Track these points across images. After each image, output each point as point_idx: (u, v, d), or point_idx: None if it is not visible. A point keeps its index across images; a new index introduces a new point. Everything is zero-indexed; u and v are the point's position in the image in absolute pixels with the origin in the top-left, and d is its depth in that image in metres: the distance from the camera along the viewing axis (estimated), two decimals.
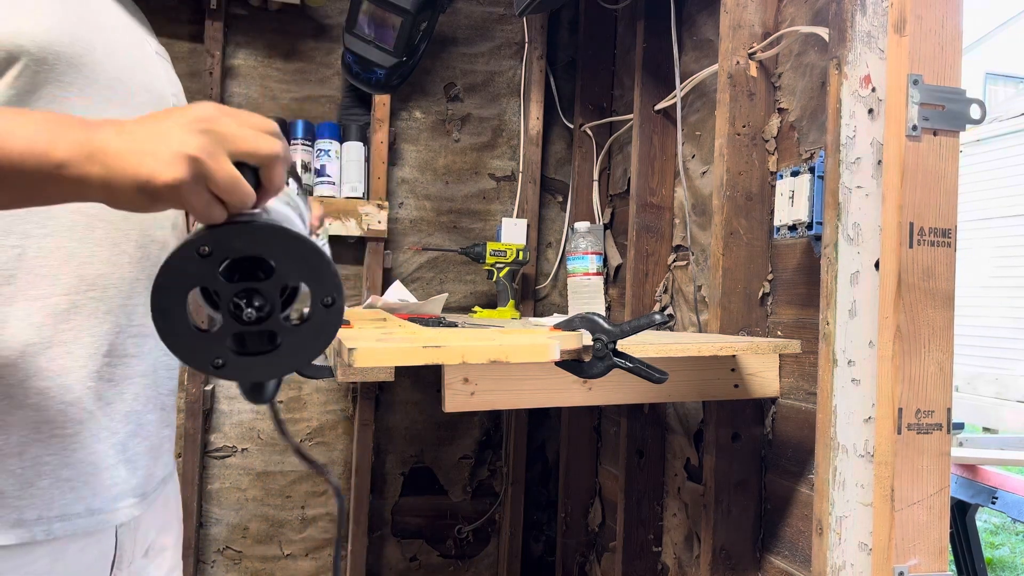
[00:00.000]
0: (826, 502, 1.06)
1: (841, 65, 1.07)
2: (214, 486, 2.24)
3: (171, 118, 0.60)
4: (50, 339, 0.78)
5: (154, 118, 0.61)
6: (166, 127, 0.59)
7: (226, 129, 0.60)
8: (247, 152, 0.61)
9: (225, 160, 0.59)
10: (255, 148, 0.61)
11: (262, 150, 0.61)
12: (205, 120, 0.60)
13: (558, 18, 2.48)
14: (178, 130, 0.59)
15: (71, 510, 0.79)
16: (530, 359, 0.97)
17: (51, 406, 0.77)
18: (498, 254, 2.20)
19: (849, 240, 1.06)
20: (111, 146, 0.59)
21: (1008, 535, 4.95)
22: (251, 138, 0.61)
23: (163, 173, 0.58)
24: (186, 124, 0.59)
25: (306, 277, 0.61)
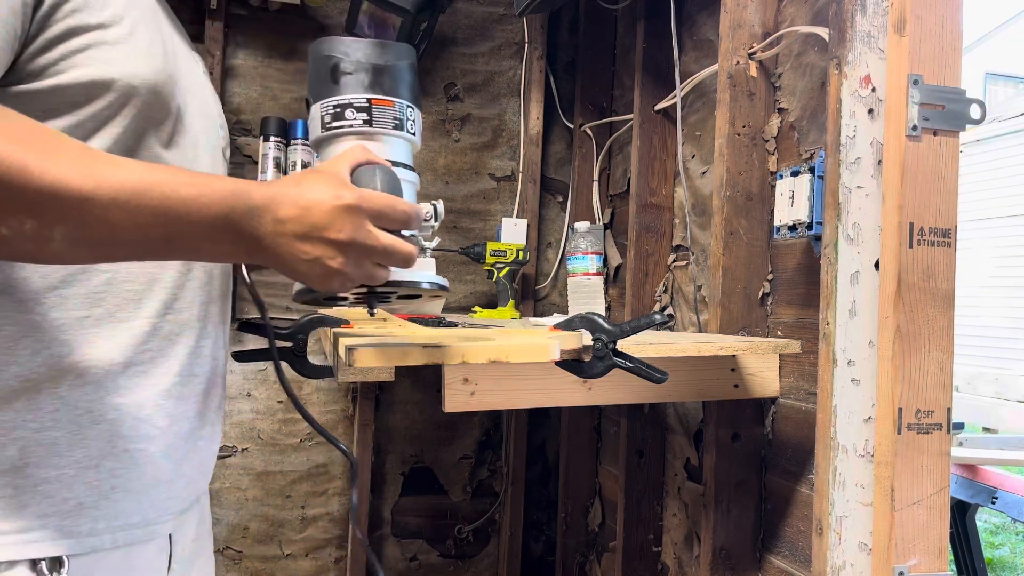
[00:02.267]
0: (826, 502, 1.06)
1: (841, 65, 1.07)
2: (214, 486, 2.24)
3: (316, 234, 0.69)
4: (131, 359, 0.82)
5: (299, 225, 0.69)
6: (312, 244, 0.69)
7: (365, 237, 0.70)
8: (392, 250, 0.72)
9: (366, 263, 0.72)
10: (395, 248, 0.72)
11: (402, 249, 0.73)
12: (341, 231, 0.69)
13: (558, 18, 2.48)
14: (320, 245, 0.69)
15: (131, 520, 0.83)
16: (530, 359, 0.97)
17: (125, 422, 0.81)
18: (498, 254, 2.20)
19: (849, 240, 1.06)
20: (268, 253, 0.69)
21: (1008, 535, 4.95)
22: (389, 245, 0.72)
23: (311, 282, 0.72)
24: (326, 239, 0.69)
25: (416, 295, 0.85)
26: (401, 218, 0.73)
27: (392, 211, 0.72)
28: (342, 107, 0.79)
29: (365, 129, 0.79)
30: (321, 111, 0.80)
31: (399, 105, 0.81)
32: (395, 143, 0.82)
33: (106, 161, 0.66)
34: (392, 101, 0.80)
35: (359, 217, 0.69)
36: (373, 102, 0.79)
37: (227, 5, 2.20)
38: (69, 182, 0.62)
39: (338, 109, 0.79)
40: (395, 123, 0.81)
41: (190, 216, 0.66)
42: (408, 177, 0.81)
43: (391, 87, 0.80)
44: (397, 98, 0.81)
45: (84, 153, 0.65)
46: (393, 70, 0.81)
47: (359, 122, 0.79)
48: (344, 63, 0.79)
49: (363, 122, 0.79)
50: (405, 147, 0.83)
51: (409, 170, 0.82)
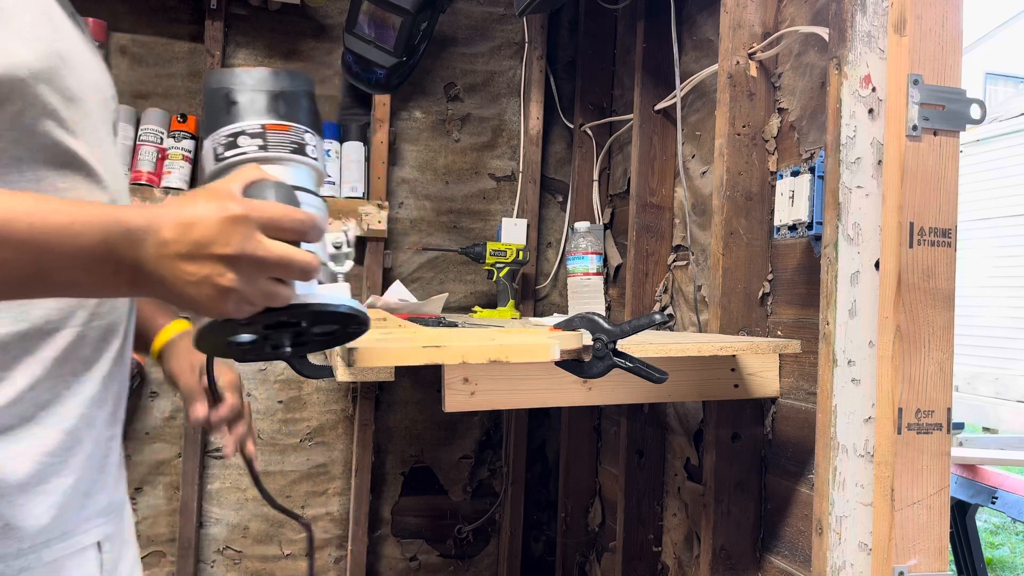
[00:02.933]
0: (826, 502, 1.06)
1: (841, 65, 1.07)
2: (214, 486, 2.24)
3: (202, 251, 0.63)
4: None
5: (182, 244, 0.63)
6: (199, 263, 0.63)
7: (254, 249, 0.63)
8: (287, 261, 0.65)
9: (261, 278, 0.65)
10: (290, 259, 0.65)
11: (298, 259, 0.65)
12: (228, 244, 0.63)
13: (558, 18, 2.48)
14: (208, 263, 0.63)
15: (53, 533, 0.79)
16: (530, 359, 0.97)
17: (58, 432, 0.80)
18: (498, 254, 2.20)
19: (849, 240, 1.06)
20: (153, 280, 0.64)
21: (1008, 535, 4.95)
22: (283, 255, 0.65)
23: (202, 309, 0.65)
24: (212, 256, 0.63)
25: (334, 323, 0.75)
26: (296, 226, 0.66)
27: (286, 218, 0.65)
28: (235, 135, 0.73)
29: (261, 155, 0.73)
30: (213, 144, 0.74)
31: (296, 130, 0.75)
32: (295, 168, 0.75)
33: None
34: (288, 125, 0.75)
35: (247, 227, 0.63)
36: (267, 127, 0.74)
37: (227, 5, 2.20)
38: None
39: (231, 138, 0.73)
40: (294, 147, 0.75)
41: (63, 247, 0.61)
42: (312, 202, 0.74)
43: (287, 112, 0.75)
44: (294, 122, 0.76)
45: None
46: (289, 96, 0.76)
47: (254, 148, 0.73)
48: (236, 92, 0.75)
49: (258, 148, 0.73)
50: (307, 173, 0.76)
51: (313, 195, 0.76)
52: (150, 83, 2.19)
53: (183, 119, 2.14)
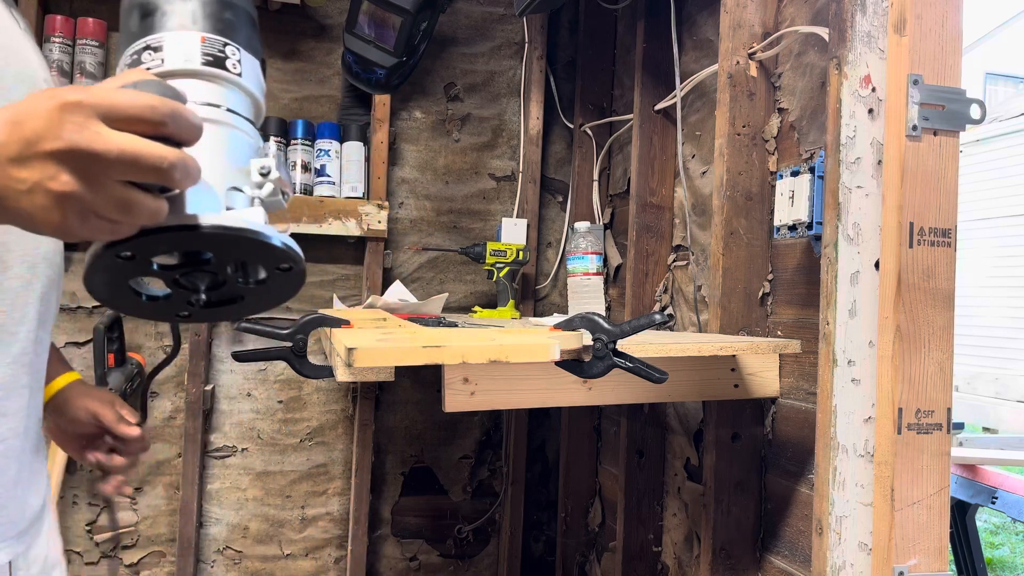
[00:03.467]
0: (826, 502, 1.06)
1: (841, 65, 1.07)
2: (214, 486, 2.24)
3: (31, 150, 0.50)
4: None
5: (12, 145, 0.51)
6: (28, 166, 0.50)
7: (90, 140, 0.50)
8: (132, 156, 0.50)
9: (107, 181, 0.51)
10: (136, 152, 0.50)
11: (148, 152, 0.50)
12: (58, 137, 0.50)
13: (558, 18, 2.48)
14: (37, 165, 0.50)
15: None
16: (530, 359, 0.97)
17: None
18: (498, 254, 2.20)
19: (849, 240, 1.06)
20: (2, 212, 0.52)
21: (1008, 535, 4.95)
22: (127, 147, 0.50)
23: (43, 227, 0.52)
24: (41, 153, 0.50)
25: (246, 257, 0.60)
26: (146, 113, 0.50)
27: (132, 104, 0.50)
28: (138, 52, 0.61)
29: (162, 68, 0.61)
30: (120, 68, 0.63)
31: (212, 41, 0.62)
32: (212, 86, 0.62)
33: None
34: (202, 36, 0.62)
35: (81, 115, 0.49)
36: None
37: None
38: None
39: (135, 55, 0.61)
40: (207, 60, 0.62)
41: None
42: (230, 120, 0.62)
43: (205, 24, 0.63)
44: (208, 33, 0.63)
45: None
46: (209, 4, 0.64)
47: (157, 63, 0.61)
48: (149, 4, 0.63)
49: (161, 62, 0.61)
50: (234, 93, 0.63)
51: (232, 114, 0.62)
52: None
53: None
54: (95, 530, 2.17)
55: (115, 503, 1.14)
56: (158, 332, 2.20)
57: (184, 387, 2.18)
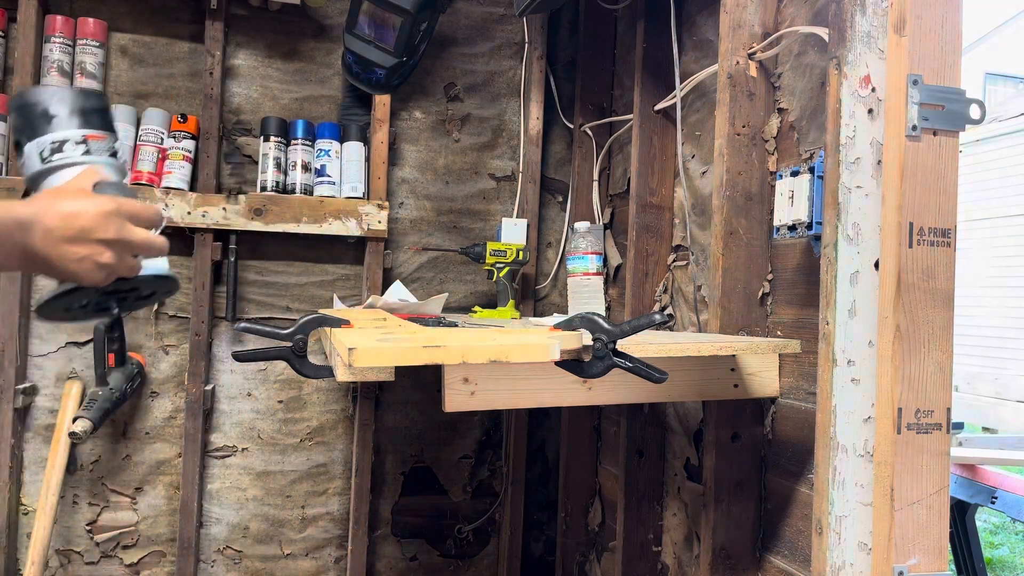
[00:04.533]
0: (826, 502, 1.06)
1: (841, 65, 1.07)
2: (214, 486, 2.24)
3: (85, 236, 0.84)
4: None
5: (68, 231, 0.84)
6: (81, 244, 0.84)
7: (128, 235, 0.87)
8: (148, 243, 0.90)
9: (128, 255, 0.88)
10: (150, 242, 0.90)
11: (155, 242, 0.91)
12: (107, 231, 0.85)
13: (558, 18, 2.48)
14: (88, 245, 0.84)
15: None
16: (530, 359, 0.97)
17: None
18: (498, 254, 2.20)
19: (849, 240, 1.07)
20: (39, 259, 0.84)
21: (1008, 535, 4.95)
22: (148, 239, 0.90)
23: (82, 280, 0.87)
24: (94, 239, 0.85)
25: (156, 287, 1.01)
26: (153, 218, 0.90)
27: (144, 212, 0.89)
28: (61, 143, 0.91)
29: (86, 159, 0.92)
30: (38, 148, 0.91)
31: (109, 138, 0.95)
32: (111, 167, 0.94)
33: None
34: (103, 135, 0.94)
35: (120, 219, 0.85)
36: (88, 137, 0.93)
37: (227, 5, 2.20)
38: None
39: (56, 143, 0.91)
40: (110, 151, 0.95)
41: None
42: (127, 194, 0.94)
43: (100, 124, 0.95)
44: (108, 131, 0.95)
45: None
46: (98, 111, 0.95)
47: (79, 153, 0.92)
48: (53, 106, 0.92)
49: (83, 152, 0.92)
50: (119, 170, 0.96)
51: (128, 188, 0.96)
52: (150, 83, 2.19)
53: (183, 119, 2.14)
54: (95, 530, 2.17)
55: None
56: (158, 332, 2.20)
57: (184, 387, 2.18)
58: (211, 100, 2.17)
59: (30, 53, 2.03)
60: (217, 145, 2.18)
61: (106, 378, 2.01)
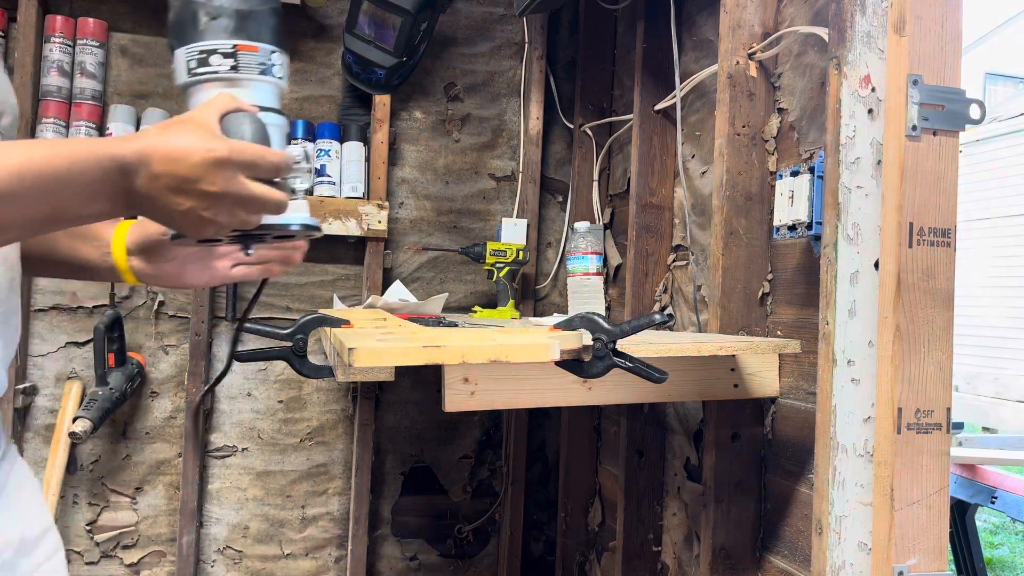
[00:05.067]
0: (826, 502, 1.06)
1: (841, 65, 1.07)
2: (214, 486, 2.24)
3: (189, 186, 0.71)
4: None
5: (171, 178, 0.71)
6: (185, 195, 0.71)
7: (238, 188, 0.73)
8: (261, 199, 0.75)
9: (238, 211, 0.74)
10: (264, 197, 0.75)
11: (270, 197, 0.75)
12: (213, 183, 0.71)
13: (558, 18, 2.48)
14: (194, 197, 0.72)
15: None
16: (530, 359, 0.97)
17: None
18: (498, 254, 2.20)
19: (849, 240, 1.07)
20: (145, 204, 0.73)
21: (1008, 535, 4.95)
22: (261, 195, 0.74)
23: (186, 230, 0.76)
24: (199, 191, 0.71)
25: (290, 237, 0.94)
26: (271, 168, 0.74)
27: (263, 161, 0.73)
28: (207, 52, 0.79)
29: (231, 75, 0.80)
30: (187, 56, 0.80)
31: (264, 50, 0.81)
32: (262, 88, 0.82)
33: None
34: (257, 47, 0.80)
35: (231, 169, 0.71)
36: (239, 48, 0.79)
37: None
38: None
39: (203, 55, 0.79)
40: (261, 68, 0.81)
41: (68, 187, 0.68)
42: (276, 121, 0.82)
43: (256, 32, 0.80)
44: (262, 43, 0.81)
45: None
46: (258, 15, 0.81)
47: (225, 68, 0.79)
48: (207, 7, 0.79)
49: (229, 68, 0.79)
50: (272, 91, 0.83)
51: (277, 114, 0.83)
52: (150, 83, 2.19)
53: None
54: (95, 530, 2.17)
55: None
56: (158, 332, 2.20)
57: (184, 387, 2.18)
58: None
59: (30, 53, 2.03)
60: None
61: (106, 378, 2.01)
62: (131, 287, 2.16)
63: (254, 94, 0.81)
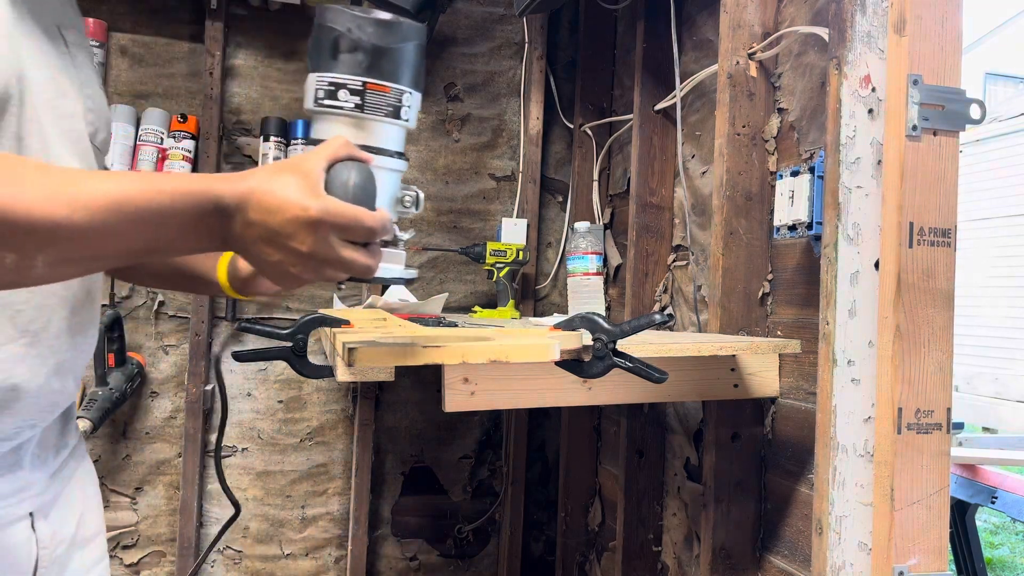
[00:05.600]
0: (826, 502, 1.06)
1: (841, 65, 1.07)
2: (214, 486, 2.24)
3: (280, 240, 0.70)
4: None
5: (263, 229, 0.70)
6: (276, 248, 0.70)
7: (326, 252, 0.71)
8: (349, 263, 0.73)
9: (324, 271, 0.73)
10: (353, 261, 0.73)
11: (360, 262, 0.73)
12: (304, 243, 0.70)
13: (558, 18, 2.48)
14: (283, 250, 0.70)
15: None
16: (530, 359, 0.97)
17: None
18: (498, 254, 2.20)
19: (849, 240, 1.07)
20: (238, 247, 0.72)
21: (1008, 535, 4.95)
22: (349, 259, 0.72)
23: (273, 279, 0.74)
24: (289, 247, 0.70)
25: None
26: (365, 233, 0.72)
27: (357, 225, 0.71)
28: (336, 86, 0.77)
29: (356, 114, 0.77)
30: (316, 84, 0.78)
31: (395, 91, 0.78)
32: (386, 130, 0.79)
33: (74, 180, 0.66)
34: (389, 87, 0.78)
35: (322, 231, 0.69)
36: (368, 86, 0.77)
37: (227, 5, 2.20)
38: (42, 211, 0.62)
39: (332, 87, 0.77)
40: (389, 109, 0.78)
41: (166, 223, 0.68)
42: (394, 166, 0.80)
43: (390, 71, 0.78)
44: (395, 83, 0.78)
45: (47, 175, 0.65)
46: (395, 53, 0.78)
47: (350, 106, 0.77)
48: (347, 38, 0.77)
49: (355, 106, 0.77)
50: (397, 134, 0.81)
51: (396, 158, 0.80)
52: (150, 83, 2.19)
53: (183, 119, 2.14)
54: None
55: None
56: (158, 332, 2.20)
57: (184, 387, 2.18)
58: (211, 100, 2.17)
59: None
60: (217, 145, 2.18)
61: (106, 378, 2.01)
62: (131, 287, 2.17)
63: (377, 136, 0.79)
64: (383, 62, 0.77)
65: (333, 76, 0.77)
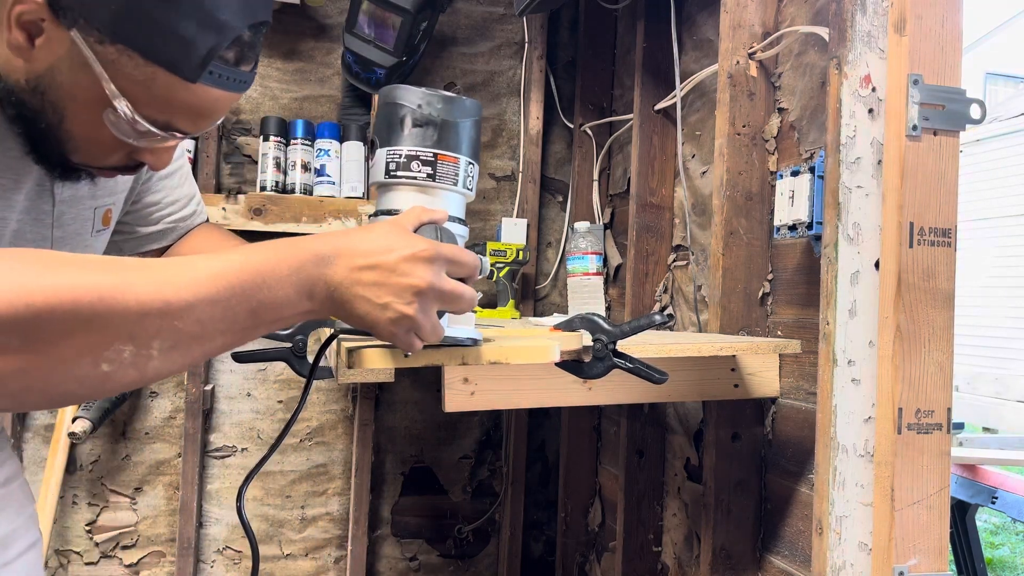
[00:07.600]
0: (826, 502, 1.06)
1: (841, 65, 1.07)
2: (214, 486, 2.24)
3: (394, 280, 0.72)
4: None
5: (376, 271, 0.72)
6: (387, 289, 0.72)
7: (441, 284, 0.74)
8: (459, 295, 0.76)
9: (433, 310, 0.75)
10: (462, 294, 0.76)
11: (468, 296, 0.77)
12: (421, 279, 0.72)
13: (558, 18, 2.48)
14: (394, 292, 0.72)
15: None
16: (530, 360, 0.97)
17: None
18: (498, 254, 2.20)
19: (849, 240, 1.06)
20: (335, 298, 0.72)
21: (1008, 535, 4.95)
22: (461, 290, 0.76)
23: (376, 331, 0.74)
24: (401, 286, 0.72)
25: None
26: (470, 268, 0.77)
27: (464, 259, 0.76)
28: (410, 158, 0.83)
29: (427, 183, 0.84)
30: (388, 157, 0.84)
31: (462, 162, 0.85)
32: (452, 198, 0.86)
33: (172, 263, 0.68)
34: (457, 158, 0.85)
35: (438, 265, 0.73)
36: (439, 157, 0.84)
37: None
38: (150, 295, 0.63)
39: (406, 159, 0.83)
40: (455, 179, 0.85)
41: (272, 292, 0.69)
42: (459, 231, 0.86)
43: (456, 143, 0.84)
44: (461, 155, 0.85)
45: (147, 264, 0.67)
46: (460, 127, 0.85)
47: (423, 175, 0.83)
48: (416, 115, 0.83)
49: (426, 176, 0.83)
50: (461, 202, 0.88)
51: (461, 224, 0.87)
52: None
53: None
54: (94, 530, 2.17)
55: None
56: None
57: (184, 387, 2.18)
58: None
59: None
60: (217, 145, 2.18)
61: None
62: None
63: (445, 204, 0.85)
64: (450, 136, 0.84)
65: (406, 149, 0.83)
